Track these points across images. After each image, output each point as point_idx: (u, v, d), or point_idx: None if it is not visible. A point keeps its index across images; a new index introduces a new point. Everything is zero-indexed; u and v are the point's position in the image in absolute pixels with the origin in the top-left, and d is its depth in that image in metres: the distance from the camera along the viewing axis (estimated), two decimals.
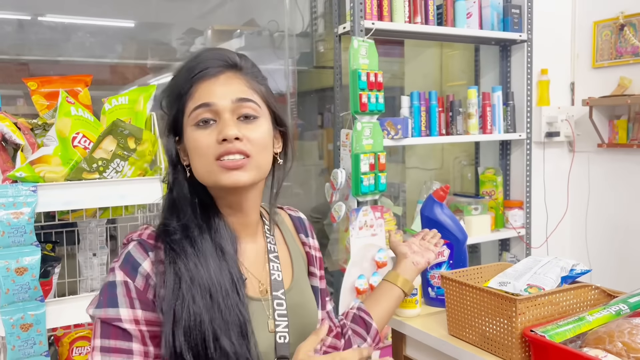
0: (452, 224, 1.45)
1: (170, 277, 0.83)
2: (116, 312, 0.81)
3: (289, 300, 0.96)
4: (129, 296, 0.82)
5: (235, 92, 0.88)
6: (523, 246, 2.74)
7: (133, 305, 0.82)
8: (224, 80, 0.88)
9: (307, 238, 1.10)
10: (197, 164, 0.88)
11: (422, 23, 2.35)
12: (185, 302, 0.81)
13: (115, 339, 0.81)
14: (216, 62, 0.89)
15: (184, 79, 0.89)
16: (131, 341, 0.81)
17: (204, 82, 0.87)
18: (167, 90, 0.93)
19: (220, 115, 0.86)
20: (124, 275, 0.83)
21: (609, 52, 2.67)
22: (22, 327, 1.29)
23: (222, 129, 0.85)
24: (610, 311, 1.13)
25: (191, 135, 0.87)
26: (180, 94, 0.89)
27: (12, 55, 2.25)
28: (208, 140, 0.86)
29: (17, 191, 1.28)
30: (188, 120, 0.88)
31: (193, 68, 0.88)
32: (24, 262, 1.27)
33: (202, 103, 0.86)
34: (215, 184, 0.88)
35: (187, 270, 0.84)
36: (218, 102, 0.86)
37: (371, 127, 2.18)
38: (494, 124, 2.60)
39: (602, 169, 2.72)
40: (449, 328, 1.30)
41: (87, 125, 1.44)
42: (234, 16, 2.78)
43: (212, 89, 0.87)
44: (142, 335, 0.82)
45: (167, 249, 0.85)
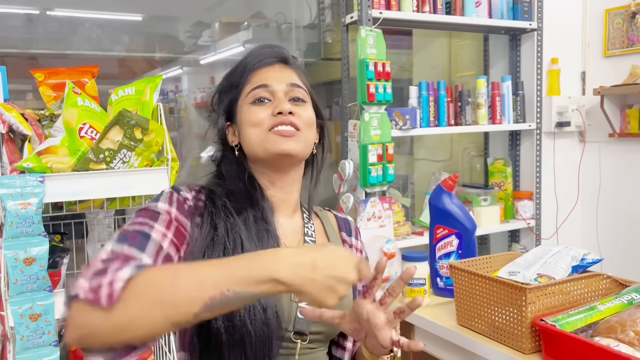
0: (461, 213, 1.44)
1: (207, 225, 0.89)
2: (155, 205, 0.89)
3: None
4: (170, 199, 0.91)
5: (288, 78, 0.99)
6: (533, 237, 2.71)
7: (171, 204, 0.90)
8: (278, 68, 1.01)
9: (350, 237, 1.12)
10: (251, 134, 0.96)
11: (430, 12, 2.33)
12: (215, 254, 0.86)
13: (144, 217, 0.86)
14: (270, 54, 1.01)
15: (241, 70, 1.00)
16: (156, 221, 0.85)
17: (260, 69, 1.00)
18: (224, 82, 1.03)
19: (275, 95, 0.97)
20: (169, 189, 0.93)
21: (620, 41, 2.63)
22: (31, 317, 1.30)
23: (277, 104, 0.96)
24: (622, 300, 1.11)
25: (247, 110, 0.97)
26: (238, 82, 1.00)
27: (21, 49, 2.26)
28: (264, 114, 0.96)
29: (24, 182, 1.28)
30: (245, 100, 0.98)
31: (249, 60, 1.00)
32: (32, 253, 1.27)
33: (260, 84, 0.97)
34: (267, 151, 0.95)
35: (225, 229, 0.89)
36: (274, 83, 0.98)
37: (379, 118, 2.16)
38: (503, 114, 2.57)
39: (613, 159, 2.68)
40: (458, 318, 1.29)
41: (94, 115, 1.43)
42: (241, 8, 2.78)
43: (268, 74, 0.99)
44: (169, 221, 0.87)
45: (208, 203, 0.93)
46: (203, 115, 2.80)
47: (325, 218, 1.11)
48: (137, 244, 0.80)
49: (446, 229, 1.45)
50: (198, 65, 2.75)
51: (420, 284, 1.41)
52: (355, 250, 1.11)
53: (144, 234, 0.83)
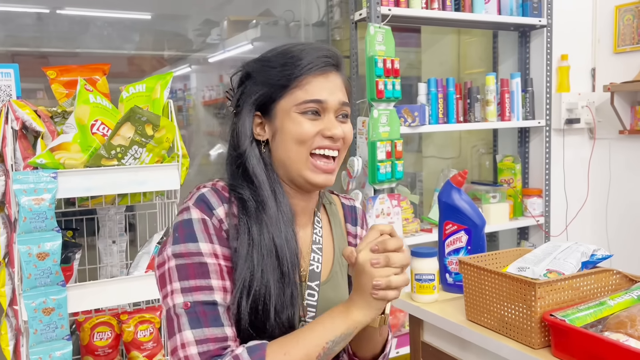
0: (470, 209, 1.44)
1: (244, 238, 0.87)
2: (196, 247, 0.84)
3: (322, 293, 0.97)
4: (207, 232, 0.86)
5: (341, 93, 0.95)
6: (542, 234, 2.70)
7: (212, 240, 0.85)
8: (333, 79, 0.95)
9: (355, 227, 1.10)
10: (291, 150, 0.92)
11: (439, 9, 2.33)
12: (257, 271, 0.86)
13: (195, 278, 0.83)
14: (326, 60, 0.94)
15: (292, 68, 0.92)
16: (209, 278, 0.83)
17: (316, 76, 0.93)
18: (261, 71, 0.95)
19: (326, 112, 0.93)
20: (200, 213, 0.87)
21: (630, 37, 2.61)
22: (44, 311, 1.31)
23: (330, 126, 0.92)
24: (632, 296, 1.11)
25: (295, 120, 0.92)
26: (286, 82, 0.92)
27: (32, 47, 2.28)
28: (312, 130, 0.91)
29: (37, 177, 1.30)
30: (293, 107, 0.92)
31: (304, 61, 0.93)
32: (46, 247, 1.29)
33: (316, 98, 0.92)
34: (300, 175, 0.93)
35: (260, 238, 0.88)
36: (329, 100, 0.93)
37: (388, 115, 2.16)
38: (512, 111, 2.56)
39: (623, 155, 2.66)
40: (467, 313, 1.30)
41: (106, 112, 1.45)
42: (249, 7, 2.78)
43: (324, 85, 0.93)
44: (220, 269, 0.85)
45: (241, 211, 0.89)
46: (212, 114, 2.81)
47: (334, 214, 1.09)
48: (211, 321, 0.82)
49: (455, 225, 1.45)
50: (206, 63, 2.76)
51: (430, 279, 1.42)
52: (359, 239, 1.10)
53: (209, 304, 0.82)
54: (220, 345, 0.80)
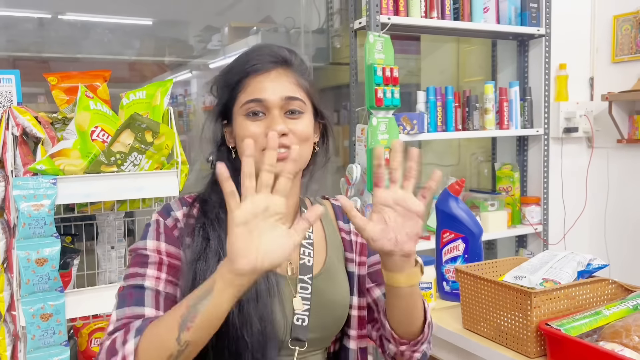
0: (467, 218, 1.45)
1: (198, 237, 0.92)
2: (144, 243, 0.93)
3: (315, 286, 0.98)
4: (157, 231, 0.94)
5: (284, 89, 0.95)
6: (540, 243, 2.71)
7: (158, 238, 0.93)
8: (275, 77, 0.95)
9: (347, 224, 1.10)
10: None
11: (438, 18, 2.34)
12: (210, 264, 0.88)
13: (134, 267, 0.91)
14: (268, 58, 0.96)
15: (237, 71, 0.96)
16: (146, 267, 0.90)
17: (256, 76, 0.95)
18: (221, 78, 1.00)
19: (269, 110, 0.94)
20: (157, 216, 0.96)
21: (629, 47, 2.63)
22: (42, 317, 1.32)
23: (270, 124, 0.93)
24: (628, 305, 1.12)
25: (241, 124, 0.95)
26: (233, 85, 0.96)
27: (33, 52, 2.29)
28: (257, 131, 0.93)
29: (37, 183, 1.30)
30: (239, 110, 0.96)
31: (246, 62, 0.96)
32: (44, 253, 1.30)
33: (254, 98, 0.94)
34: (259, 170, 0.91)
35: (217, 236, 0.91)
36: (268, 98, 0.93)
37: (387, 122, 2.17)
38: (510, 120, 2.57)
39: (621, 165, 2.67)
40: (463, 322, 1.30)
41: (106, 119, 1.46)
42: (250, 13, 2.80)
43: (264, 84, 0.94)
44: (159, 262, 0.90)
45: (201, 214, 0.95)
46: None
47: (325, 215, 1.10)
48: (135, 301, 0.87)
49: (452, 233, 1.46)
50: (207, 69, 2.77)
51: (427, 287, 1.42)
52: (355, 235, 1.09)
53: (137, 287, 0.88)
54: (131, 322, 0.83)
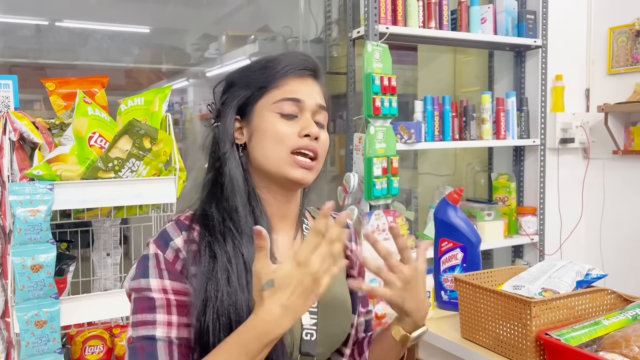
0: (465, 227, 1.45)
1: (205, 258, 0.87)
2: (147, 282, 0.86)
3: (321, 300, 0.95)
4: (158, 267, 0.87)
5: (318, 97, 0.96)
6: (536, 253, 2.71)
7: (162, 276, 0.87)
8: (310, 83, 0.96)
9: (350, 243, 1.09)
10: (269, 149, 0.92)
11: (436, 28, 2.35)
12: (220, 283, 0.85)
13: (142, 313, 0.85)
14: (306, 64, 0.96)
15: (271, 71, 0.94)
16: (155, 312, 0.85)
17: (294, 78, 0.94)
18: (244, 74, 0.97)
19: (303, 112, 0.94)
20: (155, 248, 0.88)
21: (624, 59, 2.65)
22: (36, 324, 1.30)
23: (307, 125, 0.92)
24: (627, 316, 1.12)
25: (271, 121, 0.92)
26: (264, 83, 0.94)
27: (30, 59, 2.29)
28: (289, 131, 0.92)
29: (34, 189, 1.29)
30: (270, 106, 0.93)
31: (283, 63, 0.95)
32: (40, 259, 1.29)
33: (293, 97, 0.93)
34: (280, 173, 0.92)
35: (224, 252, 0.87)
36: (306, 100, 0.94)
37: (384, 131, 2.18)
38: (507, 130, 2.58)
39: (617, 176, 2.69)
40: (462, 331, 1.30)
41: (104, 125, 1.45)
42: (248, 22, 2.80)
43: (302, 87, 0.94)
44: (167, 304, 0.85)
45: (203, 232, 0.89)
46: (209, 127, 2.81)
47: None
48: (147, 356, 0.83)
49: (451, 242, 1.46)
50: (204, 77, 2.77)
51: None
52: (354, 255, 1.09)
53: (147, 338, 0.84)
54: None
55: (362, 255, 0.96)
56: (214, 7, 2.74)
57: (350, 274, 1.08)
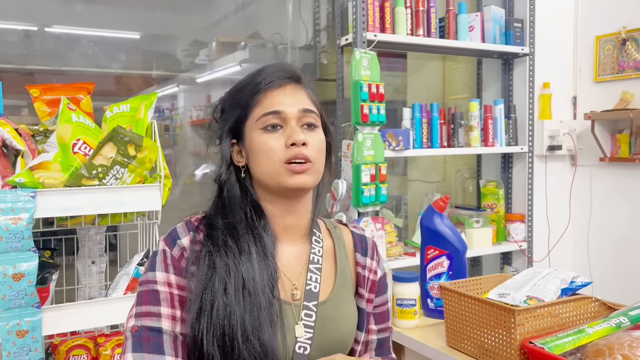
0: (451, 234, 1.45)
1: (204, 266, 0.89)
2: (153, 275, 0.90)
3: (321, 313, 0.95)
4: (164, 262, 0.91)
5: (301, 102, 0.96)
6: (525, 260, 2.72)
7: (167, 270, 0.90)
8: (290, 91, 0.97)
9: (365, 258, 1.06)
10: (263, 165, 0.94)
11: (424, 35, 2.37)
12: (216, 293, 0.86)
13: (147, 304, 0.87)
14: (282, 74, 0.97)
15: (251, 89, 0.97)
16: (160, 305, 0.87)
17: (272, 91, 0.96)
18: (229, 98, 1.00)
19: (287, 122, 0.94)
20: (164, 245, 0.92)
21: (611, 67, 2.67)
22: (17, 333, 1.28)
23: (291, 134, 0.93)
24: (611, 324, 1.12)
25: (258, 139, 0.94)
26: (247, 102, 0.96)
27: (17, 64, 2.27)
28: (276, 144, 0.93)
29: (16, 197, 1.28)
30: (255, 124, 0.95)
31: (260, 79, 0.97)
32: (21, 268, 1.27)
33: (272, 110, 0.94)
34: (280, 184, 0.94)
35: (225, 264, 0.89)
36: (287, 109, 0.94)
37: (372, 138, 2.18)
38: (495, 137, 2.60)
39: (604, 183, 2.70)
40: (447, 339, 1.29)
41: (88, 132, 1.44)
42: (238, 29, 2.80)
43: (281, 98, 0.95)
44: (171, 298, 0.88)
45: (206, 240, 0.92)
46: (199, 133, 2.80)
47: (339, 237, 1.07)
48: (153, 347, 0.85)
49: (437, 250, 1.45)
50: (194, 83, 2.76)
51: (411, 304, 1.41)
52: (369, 271, 1.06)
53: (154, 330, 0.86)
54: None
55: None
56: (205, 13, 2.74)
57: (359, 292, 1.04)
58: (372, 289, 1.05)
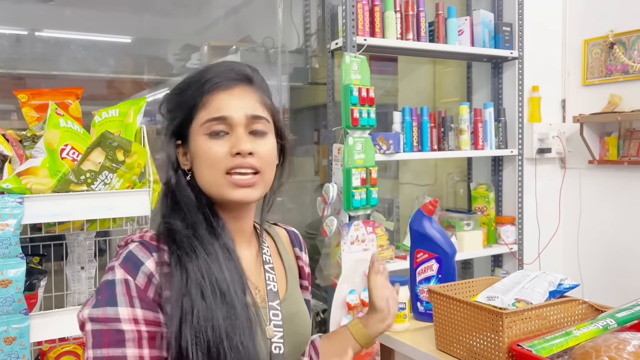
0: (441, 237, 1.45)
1: (177, 276, 0.82)
2: (115, 312, 0.78)
3: (284, 311, 0.96)
4: (129, 295, 0.79)
5: (249, 107, 0.90)
6: (515, 262, 2.73)
7: (133, 304, 0.79)
8: (238, 94, 0.90)
9: (301, 252, 1.11)
10: (205, 173, 0.89)
11: (414, 39, 2.38)
12: (194, 299, 0.80)
13: (108, 347, 0.77)
14: (230, 74, 0.90)
15: (197, 88, 0.90)
16: (124, 346, 0.77)
17: (219, 93, 0.89)
18: (174, 96, 0.94)
19: (233, 128, 0.88)
20: (124, 273, 0.81)
21: (599, 70, 2.70)
22: (5, 340, 1.27)
23: (236, 142, 0.87)
24: (598, 326, 1.12)
25: (202, 144, 0.88)
26: (192, 103, 0.90)
27: (7, 69, 2.26)
28: (220, 152, 0.87)
29: (3, 203, 1.27)
30: (199, 129, 0.89)
31: (207, 79, 0.90)
32: (9, 275, 1.26)
33: (217, 116, 0.88)
34: (221, 197, 0.89)
35: (197, 268, 0.83)
36: (233, 115, 0.88)
37: (363, 142, 2.18)
38: (485, 140, 2.61)
39: (593, 185, 2.72)
40: (437, 343, 1.30)
41: (76, 137, 1.44)
42: (230, 33, 2.80)
43: (227, 102, 0.89)
44: (139, 337, 0.78)
45: (173, 249, 0.85)
46: None
47: (277, 236, 1.08)
48: None
49: (426, 254, 1.46)
50: None
51: (401, 308, 1.42)
52: (305, 264, 1.11)
53: None
54: None
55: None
56: (196, 17, 2.73)
57: (303, 284, 1.10)
58: (309, 280, 1.12)
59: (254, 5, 2.82)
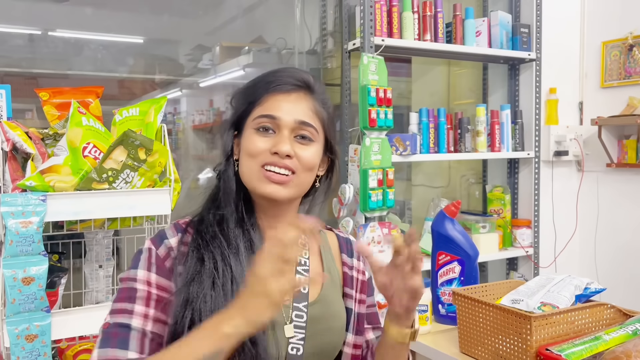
0: (463, 239, 1.44)
1: (193, 260, 0.88)
2: (134, 273, 0.89)
3: (311, 313, 0.95)
4: (149, 261, 0.90)
5: (300, 113, 0.94)
6: (531, 265, 2.71)
7: (150, 269, 0.89)
8: (294, 99, 0.95)
9: (351, 259, 1.08)
10: (245, 164, 0.94)
11: (431, 40, 2.36)
12: (204, 286, 0.86)
13: (122, 302, 0.86)
14: (292, 80, 0.96)
15: (260, 87, 0.96)
16: (134, 303, 0.86)
17: (276, 95, 0.95)
18: (242, 91, 1.00)
19: (280, 129, 0.93)
20: (150, 244, 0.92)
21: (617, 72, 2.67)
22: (27, 337, 1.27)
23: (278, 142, 0.92)
24: (627, 331, 1.11)
25: (249, 137, 0.94)
26: (253, 99, 0.96)
27: (23, 68, 2.27)
28: (262, 146, 0.92)
29: (26, 200, 1.27)
30: (251, 122, 0.95)
31: (271, 80, 0.96)
32: (31, 272, 1.26)
33: (268, 114, 0.93)
34: (254, 189, 0.94)
35: (213, 259, 0.88)
36: (282, 117, 0.93)
37: (380, 143, 2.17)
38: (502, 142, 2.59)
39: (611, 188, 2.70)
40: (460, 345, 1.28)
41: (98, 135, 1.43)
42: (242, 33, 2.80)
43: (281, 103, 0.94)
44: (148, 296, 0.87)
45: (195, 236, 0.92)
46: (201, 138, 2.80)
47: (324, 239, 1.09)
48: (119, 342, 0.83)
49: (448, 256, 1.45)
50: (197, 88, 2.76)
51: (422, 310, 1.40)
52: (357, 272, 1.08)
53: (123, 326, 0.84)
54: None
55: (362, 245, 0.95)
56: (208, 18, 2.74)
57: (345, 292, 1.05)
58: (362, 290, 1.07)
59: (267, 6, 2.82)
